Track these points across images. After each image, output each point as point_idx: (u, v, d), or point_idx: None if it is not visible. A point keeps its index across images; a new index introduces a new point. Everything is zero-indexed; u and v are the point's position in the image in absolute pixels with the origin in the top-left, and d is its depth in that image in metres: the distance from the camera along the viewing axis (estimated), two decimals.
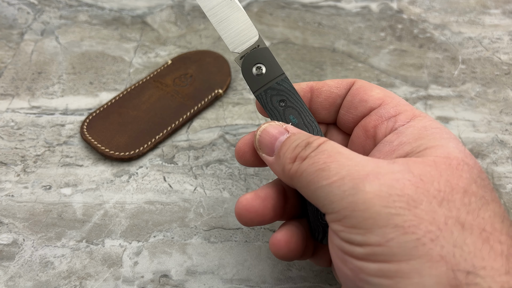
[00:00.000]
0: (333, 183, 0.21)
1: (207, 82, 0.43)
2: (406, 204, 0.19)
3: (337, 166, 0.21)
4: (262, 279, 0.31)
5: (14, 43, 0.47)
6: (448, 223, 0.19)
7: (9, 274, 0.31)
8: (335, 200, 0.20)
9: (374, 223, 0.19)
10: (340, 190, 0.20)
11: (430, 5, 0.53)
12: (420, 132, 0.23)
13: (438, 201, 0.19)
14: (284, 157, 0.24)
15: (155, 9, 0.52)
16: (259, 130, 0.26)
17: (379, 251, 0.19)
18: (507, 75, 0.46)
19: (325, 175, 0.21)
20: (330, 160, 0.21)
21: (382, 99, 0.26)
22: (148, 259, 0.32)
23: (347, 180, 0.20)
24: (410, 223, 0.19)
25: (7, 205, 0.35)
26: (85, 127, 0.39)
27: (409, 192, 0.20)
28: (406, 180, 0.20)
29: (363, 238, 0.20)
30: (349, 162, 0.21)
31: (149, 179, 0.37)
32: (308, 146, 0.23)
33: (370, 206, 0.19)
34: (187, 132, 0.40)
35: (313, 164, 0.22)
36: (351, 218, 0.20)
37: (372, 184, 0.20)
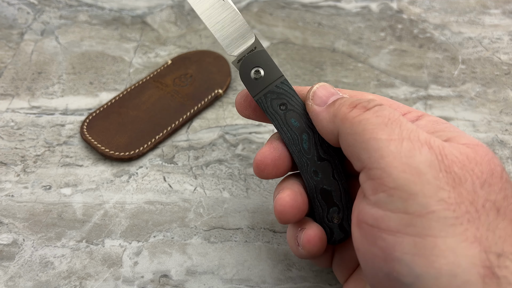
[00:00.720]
0: (392, 140, 0.21)
1: (207, 82, 0.43)
2: (453, 181, 0.19)
3: (400, 128, 0.21)
4: (262, 279, 0.31)
5: (14, 43, 0.47)
6: (486, 206, 0.19)
7: (9, 274, 0.31)
8: (387, 156, 0.20)
9: (421, 190, 0.19)
10: (397, 149, 0.20)
11: (430, 5, 0.53)
12: (433, 125, 0.24)
13: (481, 182, 0.20)
14: (341, 104, 0.24)
15: (155, 9, 0.52)
16: (318, 84, 0.26)
17: (418, 222, 0.19)
18: (507, 75, 0.46)
19: (387, 130, 0.21)
20: (394, 118, 0.22)
21: (388, 101, 0.27)
22: (148, 259, 0.32)
23: (406, 143, 0.20)
24: (453, 200, 0.19)
25: (7, 205, 0.35)
26: (85, 127, 0.39)
27: (456, 169, 0.20)
28: (454, 157, 0.20)
29: (403, 205, 0.19)
30: (409, 125, 0.21)
31: (149, 179, 0.37)
32: (371, 101, 0.23)
33: (422, 173, 0.19)
34: (187, 132, 0.40)
35: (378, 116, 0.22)
36: (399, 179, 0.20)
37: (428, 154, 0.20)
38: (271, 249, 0.33)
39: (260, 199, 0.36)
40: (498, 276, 0.18)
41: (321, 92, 0.26)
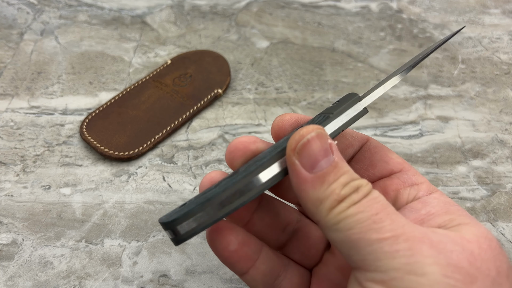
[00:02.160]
0: (385, 239, 0.18)
1: (206, 82, 0.43)
2: (463, 278, 0.18)
3: (390, 222, 0.19)
4: None
5: (13, 43, 0.47)
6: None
7: (8, 274, 0.31)
8: (384, 258, 0.18)
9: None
10: (392, 249, 0.18)
11: (429, 5, 0.53)
12: (446, 206, 0.22)
13: (490, 281, 0.18)
14: (332, 190, 0.20)
15: (155, 9, 0.52)
16: (312, 133, 0.20)
17: None
18: (507, 74, 0.45)
19: (377, 228, 0.19)
20: (383, 213, 0.19)
21: (402, 164, 0.25)
22: (148, 259, 0.32)
23: (402, 239, 0.18)
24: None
25: (7, 205, 0.35)
26: (85, 127, 0.39)
27: (464, 265, 0.18)
28: (460, 253, 0.19)
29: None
30: (401, 219, 0.19)
31: (149, 178, 0.37)
32: (359, 189, 0.20)
33: (429, 272, 0.18)
34: (187, 132, 0.40)
35: (365, 212, 0.19)
36: (404, 281, 0.18)
37: (430, 250, 0.18)
38: None
39: None
40: None
41: (313, 149, 0.20)
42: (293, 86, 0.44)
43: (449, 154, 0.39)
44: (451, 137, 0.40)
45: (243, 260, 0.23)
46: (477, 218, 0.35)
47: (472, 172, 0.38)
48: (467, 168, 0.38)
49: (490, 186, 0.37)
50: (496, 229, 0.34)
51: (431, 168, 0.38)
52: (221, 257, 0.23)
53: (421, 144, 0.39)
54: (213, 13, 0.51)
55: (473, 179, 0.37)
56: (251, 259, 0.23)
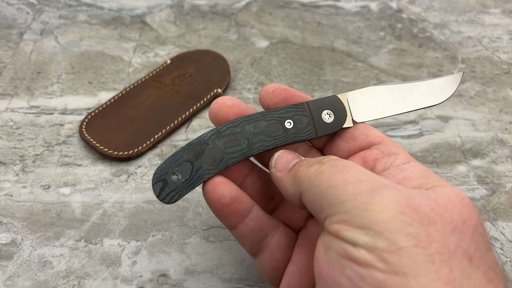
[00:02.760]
0: (349, 184, 0.20)
1: (206, 82, 0.43)
2: (421, 219, 0.19)
3: (356, 172, 0.21)
4: (260, 278, 0.31)
5: (13, 43, 0.47)
6: (458, 252, 0.18)
7: (7, 274, 0.31)
8: (347, 199, 0.20)
9: (387, 226, 0.18)
10: (355, 190, 0.20)
11: (429, 5, 0.53)
12: (423, 172, 0.23)
13: (451, 228, 0.19)
14: (299, 165, 0.24)
15: (155, 9, 0.52)
16: (278, 152, 0.26)
17: (389, 258, 0.18)
18: (507, 74, 0.45)
19: (343, 176, 0.21)
20: (349, 166, 0.21)
21: (382, 138, 0.26)
22: (147, 259, 0.32)
23: (365, 183, 0.20)
24: (423, 238, 0.18)
25: (6, 205, 0.35)
26: (84, 127, 0.39)
27: (425, 210, 0.19)
28: (423, 200, 0.20)
29: (372, 240, 0.19)
30: (368, 172, 0.21)
31: (148, 178, 0.37)
32: (323, 158, 0.23)
33: (386, 209, 0.19)
34: (186, 131, 0.40)
35: (332, 166, 0.22)
36: (362, 218, 0.19)
37: (391, 191, 0.20)
38: None
39: None
40: None
41: (282, 159, 0.25)
42: (293, 85, 0.44)
43: (449, 153, 0.39)
44: (451, 136, 0.40)
45: (233, 214, 0.25)
46: None
47: (472, 172, 0.38)
48: (467, 168, 0.38)
49: (490, 185, 0.37)
50: (496, 229, 0.34)
51: (431, 167, 0.38)
52: (213, 209, 0.25)
53: (421, 143, 0.39)
54: (212, 13, 0.51)
55: (473, 178, 0.37)
56: (241, 214, 0.25)
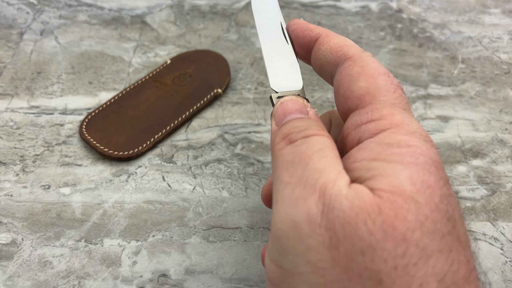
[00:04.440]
0: (289, 184, 0.19)
1: (206, 82, 0.43)
2: (329, 241, 0.17)
3: (305, 166, 0.18)
4: (261, 278, 0.31)
5: (13, 43, 0.47)
6: (364, 275, 0.16)
7: (7, 274, 0.31)
8: (278, 201, 0.19)
9: (293, 247, 0.17)
10: (288, 195, 0.18)
11: (429, 5, 0.53)
12: (379, 151, 0.19)
13: (362, 248, 0.16)
14: (279, 132, 0.21)
15: (155, 9, 0.52)
16: (284, 99, 0.23)
17: (289, 280, 0.18)
18: (507, 74, 0.45)
19: (291, 171, 0.19)
20: (305, 156, 0.19)
21: (361, 97, 0.21)
22: (147, 259, 0.32)
23: (300, 187, 0.18)
24: (324, 264, 0.17)
25: (6, 205, 0.35)
26: (84, 127, 0.39)
27: (337, 227, 0.17)
28: (342, 211, 0.17)
29: (279, 258, 0.18)
30: (318, 165, 0.18)
31: (148, 178, 0.37)
32: (303, 131, 0.20)
33: (298, 228, 0.17)
34: (186, 132, 0.40)
35: (292, 152, 0.19)
36: (278, 230, 0.18)
37: (313, 204, 0.17)
38: None
39: (259, 198, 0.36)
40: None
41: (281, 109, 0.23)
42: None
43: (449, 153, 0.39)
44: (451, 137, 0.40)
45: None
46: (477, 218, 0.35)
47: (472, 172, 0.38)
48: (467, 168, 0.38)
49: (490, 185, 0.37)
50: (496, 229, 0.34)
51: None
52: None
53: None
54: (213, 13, 0.51)
55: (473, 178, 0.37)
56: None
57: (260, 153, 0.38)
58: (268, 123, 0.41)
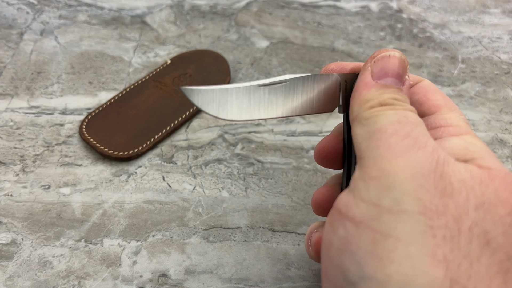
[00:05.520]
0: (395, 135, 0.19)
1: (206, 82, 0.43)
2: (443, 188, 0.17)
3: (412, 127, 0.19)
4: (261, 278, 0.31)
5: (13, 43, 0.47)
6: (474, 231, 0.16)
7: (7, 274, 0.31)
8: (382, 146, 0.19)
9: (400, 184, 0.17)
10: (395, 142, 0.18)
11: (429, 5, 0.53)
12: (467, 145, 0.20)
13: (477, 203, 0.17)
14: (380, 95, 0.21)
15: (155, 9, 0.52)
16: (395, 53, 0.22)
17: (385, 218, 0.17)
18: (507, 74, 0.45)
19: (397, 126, 0.19)
20: (411, 120, 0.20)
21: (438, 107, 0.23)
22: (147, 259, 0.32)
23: (409, 139, 0.18)
24: (434, 207, 0.16)
25: (6, 205, 0.35)
26: (84, 127, 0.39)
27: (453, 179, 0.17)
28: (456, 169, 0.18)
29: (377, 195, 0.17)
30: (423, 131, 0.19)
31: (148, 178, 0.37)
32: (403, 104, 0.21)
33: (409, 167, 0.17)
34: (186, 132, 0.40)
35: (395, 115, 0.20)
36: (382, 169, 0.18)
37: (427, 154, 0.18)
38: (270, 248, 0.33)
39: (259, 198, 0.36)
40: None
41: (386, 63, 0.22)
42: None
43: None
44: None
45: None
46: None
47: None
48: None
49: None
50: None
51: None
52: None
53: None
54: (212, 13, 0.51)
55: None
56: None
57: (260, 153, 0.38)
58: (268, 124, 0.41)
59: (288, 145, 0.39)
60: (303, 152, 0.39)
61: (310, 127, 0.40)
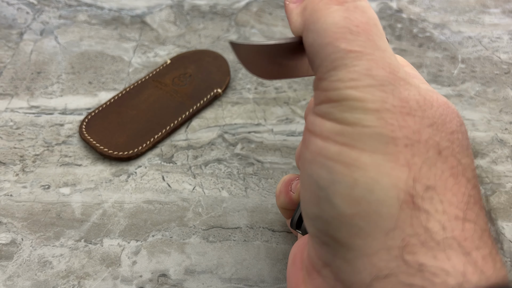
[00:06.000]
0: (351, 52, 0.19)
1: (206, 82, 0.43)
2: (402, 107, 0.18)
3: (367, 36, 0.19)
4: (260, 278, 0.31)
5: (13, 43, 0.47)
6: (429, 142, 0.18)
7: (7, 274, 0.31)
8: (339, 69, 0.19)
9: (362, 105, 0.18)
10: (352, 63, 0.18)
11: (429, 5, 0.53)
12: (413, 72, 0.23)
13: (431, 122, 0.19)
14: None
15: (154, 9, 0.52)
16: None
17: (349, 132, 0.18)
18: (507, 74, 0.45)
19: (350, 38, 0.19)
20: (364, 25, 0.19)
21: None
22: (147, 259, 0.32)
23: (366, 58, 0.18)
24: (395, 122, 0.18)
25: (6, 205, 0.35)
26: (84, 127, 0.39)
27: (412, 103, 0.18)
28: (412, 94, 0.19)
29: (341, 115, 0.18)
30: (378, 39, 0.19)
31: (148, 178, 0.37)
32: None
33: (370, 91, 0.18)
34: (186, 131, 0.40)
35: (347, 17, 0.19)
36: (345, 95, 0.19)
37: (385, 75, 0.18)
38: (270, 248, 0.33)
39: (259, 198, 0.36)
40: (419, 207, 0.17)
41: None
42: (292, 85, 0.44)
43: None
44: None
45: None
46: None
47: None
48: None
49: (489, 185, 0.37)
50: (495, 229, 0.34)
51: None
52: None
53: None
54: (212, 13, 0.51)
55: None
56: None
57: (260, 152, 0.38)
58: (268, 123, 0.41)
59: (288, 145, 0.39)
60: None
61: None
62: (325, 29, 0.19)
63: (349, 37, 0.19)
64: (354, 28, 0.19)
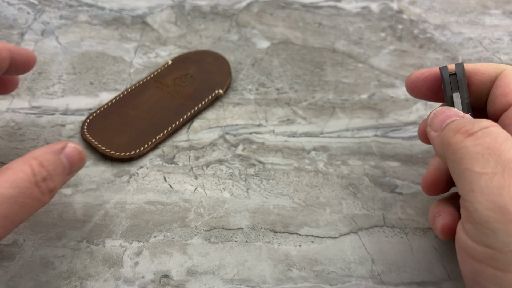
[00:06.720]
0: (484, 174, 0.20)
1: (207, 83, 0.43)
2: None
3: (496, 157, 0.21)
4: (262, 279, 0.31)
5: (14, 43, 0.47)
6: None
7: (9, 274, 0.31)
8: (476, 191, 0.20)
9: (503, 229, 0.19)
10: (486, 184, 0.20)
11: (430, 6, 0.53)
12: None
13: None
14: (448, 129, 0.23)
15: (156, 9, 0.52)
16: (435, 109, 0.26)
17: (500, 257, 0.20)
18: None
19: (482, 162, 0.21)
20: (493, 147, 0.21)
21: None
22: (149, 259, 0.32)
23: (497, 177, 0.20)
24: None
25: None
26: (86, 127, 0.39)
27: None
28: None
29: (487, 240, 0.20)
30: (509, 155, 0.21)
31: (150, 179, 0.37)
32: (476, 123, 0.22)
33: (507, 212, 0.19)
34: (188, 132, 0.40)
35: (476, 145, 0.21)
36: (483, 216, 0.20)
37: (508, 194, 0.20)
38: (271, 249, 0.33)
39: (261, 199, 0.36)
40: None
41: (437, 117, 0.26)
42: (294, 86, 0.44)
43: None
44: None
45: None
46: None
47: None
48: None
49: None
50: None
51: None
52: None
53: (422, 145, 0.39)
54: (213, 13, 0.51)
55: None
56: None
57: (261, 153, 0.39)
58: (269, 124, 0.41)
59: (289, 146, 0.39)
60: (304, 153, 0.39)
61: (311, 128, 0.40)
62: (461, 159, 0.22)
63: (481, 161, 0.21)
64: (484, 152, 0.21)
